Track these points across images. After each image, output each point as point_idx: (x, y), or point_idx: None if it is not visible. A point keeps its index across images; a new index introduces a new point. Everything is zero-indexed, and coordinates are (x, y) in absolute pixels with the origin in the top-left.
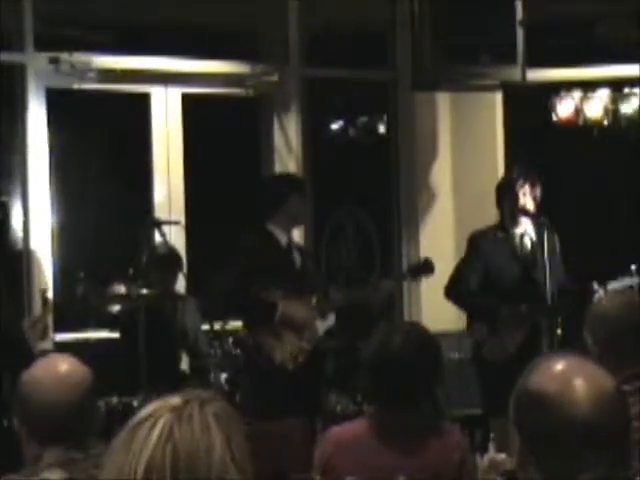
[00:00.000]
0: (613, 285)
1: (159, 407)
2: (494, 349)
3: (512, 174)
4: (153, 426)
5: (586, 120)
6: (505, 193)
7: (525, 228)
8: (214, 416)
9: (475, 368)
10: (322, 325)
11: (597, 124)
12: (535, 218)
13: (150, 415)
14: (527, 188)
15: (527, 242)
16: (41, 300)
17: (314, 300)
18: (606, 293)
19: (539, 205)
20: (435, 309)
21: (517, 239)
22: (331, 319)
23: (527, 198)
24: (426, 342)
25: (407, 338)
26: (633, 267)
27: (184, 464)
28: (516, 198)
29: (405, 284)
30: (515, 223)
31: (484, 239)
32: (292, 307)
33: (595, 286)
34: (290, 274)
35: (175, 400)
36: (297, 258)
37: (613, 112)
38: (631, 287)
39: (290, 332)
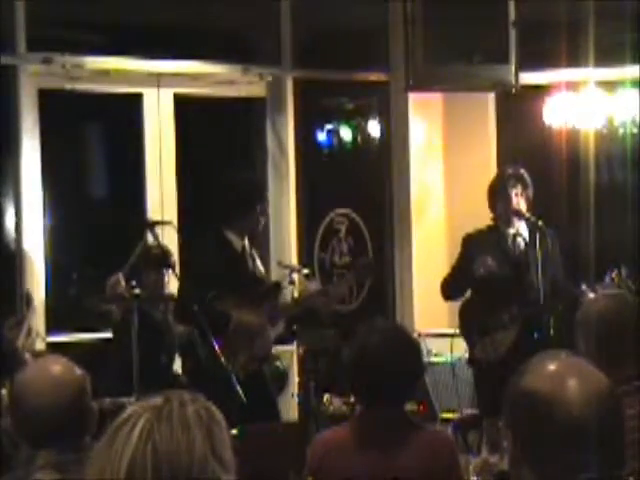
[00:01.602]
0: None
1: (139, 408)
2: (485, 349)
3: (503, 175)
4: (134, 426)
5: (579, 121)
6: (497, 194)
7: (518, 229)
8: (194, 415)
9: (470, 369)
10: (274, 332)
11: (590, 125)
12: (529, 219)
13: (131, 416)
14: (519, 189)
15: (520, 243)
16: (25, 302)
17: (266, 307)
18: (597, 296)
19: (532, 206)
20: (428, 311)
21: (510, 240)
22: (281, 325)
23: (519, 199)
24: (403, 342)
25: (384, 338)
26: (624, 272)
27: (165, 462)
28: (509, 199)
29: (397, 284)
30: (508, 224)
31: (476, 240)
32: (245, 315)
33: (584, 288)
34: (244, 281)
35: (155, 400)
36: (251, 264)
37: (606, 114)
38: (627, 287)
39: (242, 341)
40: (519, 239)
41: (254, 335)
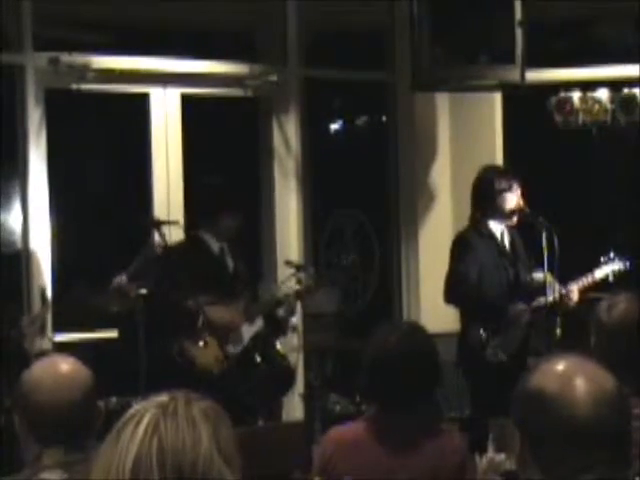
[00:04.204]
0: (599, 272)
1: (146, 405)
2: (497, 349)
3: (505, 176)
4: (139, 422)
5: (585, 120)
6: (494, 192)
7: (502, 228)
8: (201, 412)
9: (469, 369)
10: (249, 329)
11: (596, 124)
12: (532, 217)
13: (137, 412)
14: (517, 187)
15: (506, 241)
16: (40, 299)
17: (242, 305)
18: (615, 299)
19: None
20: (435, 310)
21: (498, 236)
22: (259, 323)
23: (519, 197)
24: (423, 343)
25: (404, 339)
26: (612, 254)
27: (170, 458)
28: (519, 200)
29: (404, 283)
30: (501, 222)
31: (473, 238)
32: (217, 312)
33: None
34: (220, 280)
35: (162, 398)
36: (230, 264)
37: (612, 112)
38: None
39: (215, 337)
40: (505, 237)
41: (227, 331)
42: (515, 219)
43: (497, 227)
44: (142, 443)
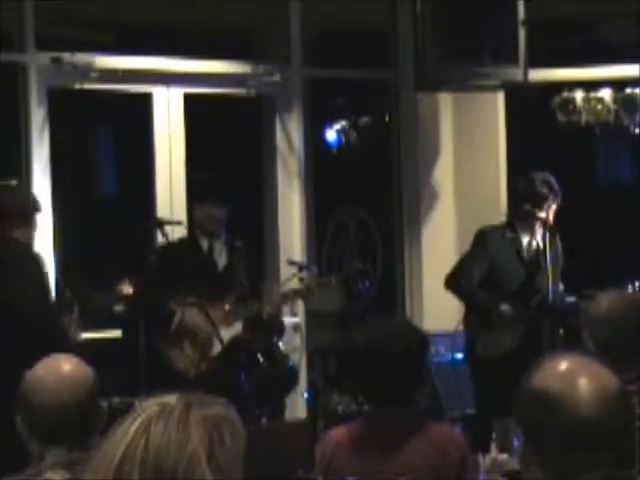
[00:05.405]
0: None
1: (148, 404)
2: (488, 346)
3: (544, 186)
4: (134, 420)
5: (588, 120)
6: (528, 199)
7: (534, 232)
8: (197, 417)
9: (469, 366)
10: (226, 333)
11: (599, 124)
12: (546, 224)
13: (137, 411)
14: (552, 198)
15: (534, 246)
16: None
17: (224, 307)
18: (603, 295)
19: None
20: (438, 309)
21: (525, 242)
22: (237, 327)
23: (551, 207)
24: (411, 339)
25: (391, 335)
26: (637, 284)
27: (152, 458)
28: (547, 212)
29: (407, 283)
30: (528, 228)
31: (492, 236)
32: (192, 315)
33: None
34: (205, 280)
35: (165, 399)
36: (220, 262)
37: (615, 112)
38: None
39: (192, 339)
40: (534, 242)
41: (205, 334)
42: (541, 230)
43: (525, 232)
44: (132, 441)
